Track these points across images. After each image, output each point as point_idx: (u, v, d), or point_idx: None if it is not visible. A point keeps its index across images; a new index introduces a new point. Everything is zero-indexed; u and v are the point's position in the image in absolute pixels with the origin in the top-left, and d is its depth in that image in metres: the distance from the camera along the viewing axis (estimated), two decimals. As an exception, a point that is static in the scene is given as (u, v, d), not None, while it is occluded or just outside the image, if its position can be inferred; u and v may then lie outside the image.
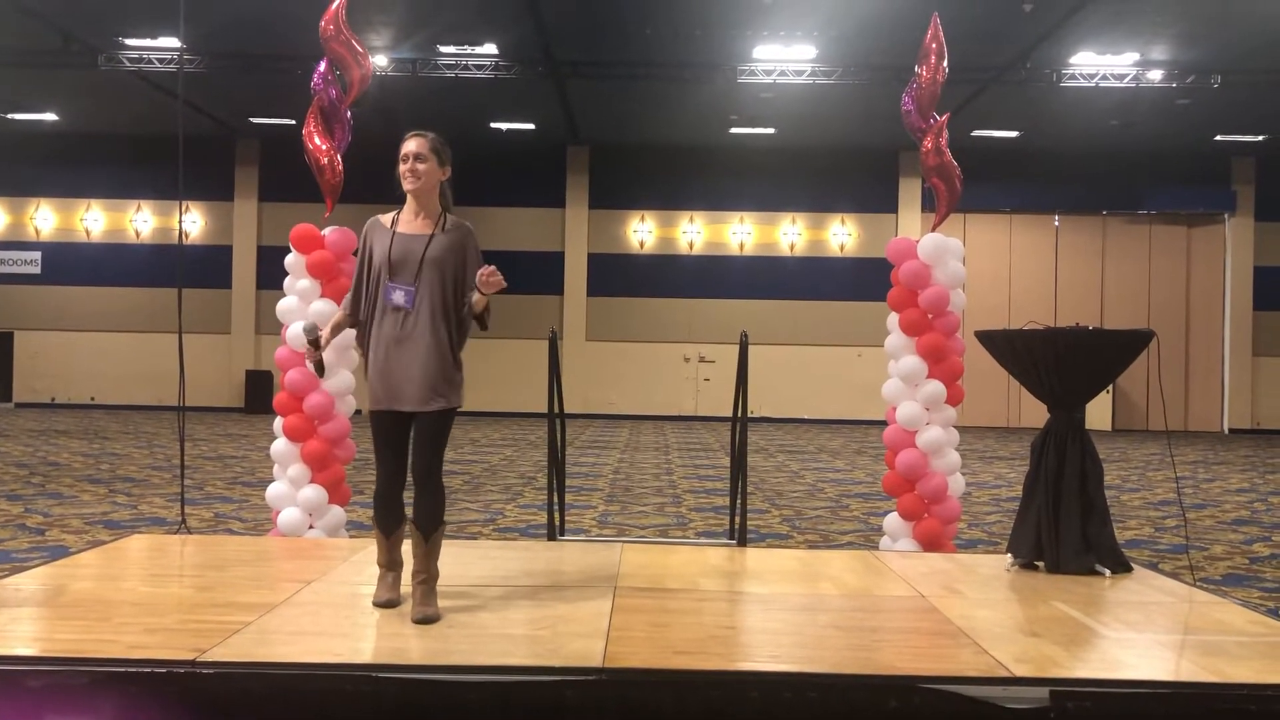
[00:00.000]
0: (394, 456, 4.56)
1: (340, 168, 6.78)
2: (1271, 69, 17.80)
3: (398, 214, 4.65)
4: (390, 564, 4.67)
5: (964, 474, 7.02)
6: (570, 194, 25.48)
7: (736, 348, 6.73)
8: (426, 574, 4.47)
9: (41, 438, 17.09)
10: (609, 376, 25.11)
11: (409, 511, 4.57)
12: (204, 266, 24.64)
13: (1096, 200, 25.37)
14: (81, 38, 18.03)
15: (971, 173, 7.99)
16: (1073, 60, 18.12)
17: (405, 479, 4.60)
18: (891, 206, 25.38)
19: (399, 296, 4.46)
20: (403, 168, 4.57)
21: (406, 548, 4.61)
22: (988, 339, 5.90)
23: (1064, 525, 5.47)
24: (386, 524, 4.62)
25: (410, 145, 4.56)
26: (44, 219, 25.81)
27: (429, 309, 4.47)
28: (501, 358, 25.03)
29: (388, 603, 4.55)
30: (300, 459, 6.58)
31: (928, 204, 23.10)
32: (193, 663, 3.58)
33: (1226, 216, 25.39)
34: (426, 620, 4.29)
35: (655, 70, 18.83)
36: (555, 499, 6.96)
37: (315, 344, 4.63)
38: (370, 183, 7.36)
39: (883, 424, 7.07)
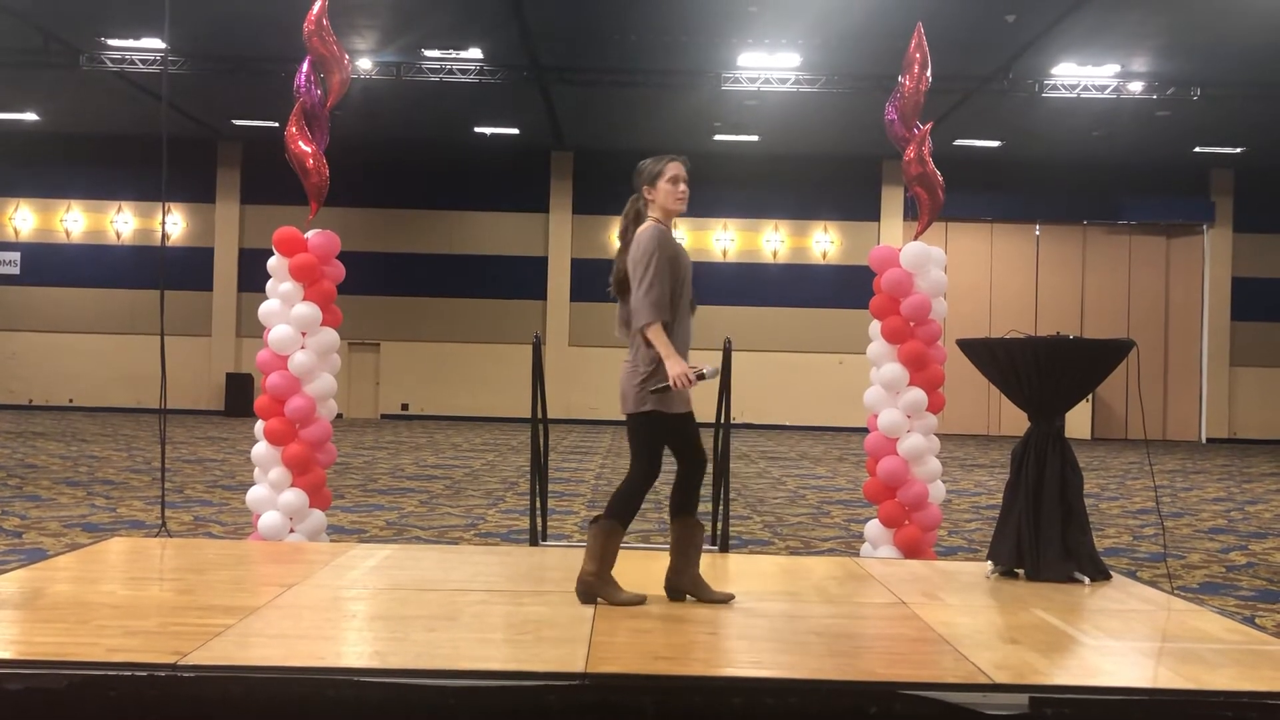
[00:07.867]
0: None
1: (326, 170, 6.76)
2: (1251, 81, 17.97)
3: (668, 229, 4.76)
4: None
5: (944, 481, 7.05)
6: (554, 199, 25.48)
7: (719, 354, 6.74)
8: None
9: (19, 439, 16.96)
10: (592, 382, 25.09)
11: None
12: (185, 269, 24.51)
13: (1077, 210, 25.54)
14: (63, 37, 17.92)
15: (953, 182, 8.04)
16: (1054, 71, 18.24)
17: None
18: (874, 214, 25.48)
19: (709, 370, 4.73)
20: (682, 190, 4.72)
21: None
22: (969, 347, 5.93)
23: (1044, 533, 5.50)
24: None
25: (684, 169, 4.74)
26: (23, 219, 25.64)
27: None
28: (484, 363, 25.02)
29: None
30: (281, 463, 6.55)
31: (910, 212, 23.12)
32: (173, 666, 3.56)
33: (1205, 227, 25.59)
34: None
35: (640, 76, 18.86)
36: (537, 504, 6.96)
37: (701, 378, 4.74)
38: (352, 186, 7.34)
39: (864, 431, 7.09)
